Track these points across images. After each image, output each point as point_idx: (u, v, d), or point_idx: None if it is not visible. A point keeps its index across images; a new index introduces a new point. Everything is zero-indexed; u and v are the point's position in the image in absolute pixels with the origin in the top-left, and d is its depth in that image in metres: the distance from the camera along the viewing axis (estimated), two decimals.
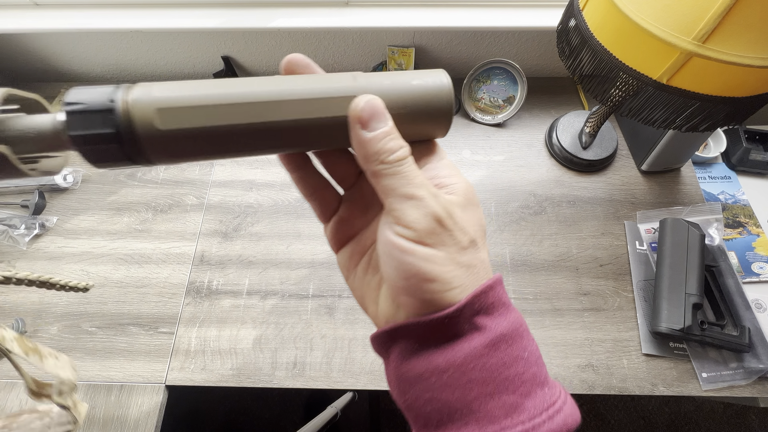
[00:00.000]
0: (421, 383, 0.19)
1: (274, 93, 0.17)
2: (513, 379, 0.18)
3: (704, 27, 0.40)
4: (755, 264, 0.66)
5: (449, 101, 0.19)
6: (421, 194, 0.19)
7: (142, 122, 0.16)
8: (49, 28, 0.74)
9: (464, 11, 0.75)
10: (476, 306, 0.19)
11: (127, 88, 0.16)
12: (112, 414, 0.56)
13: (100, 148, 0.16)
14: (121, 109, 0.16)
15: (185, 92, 0.17)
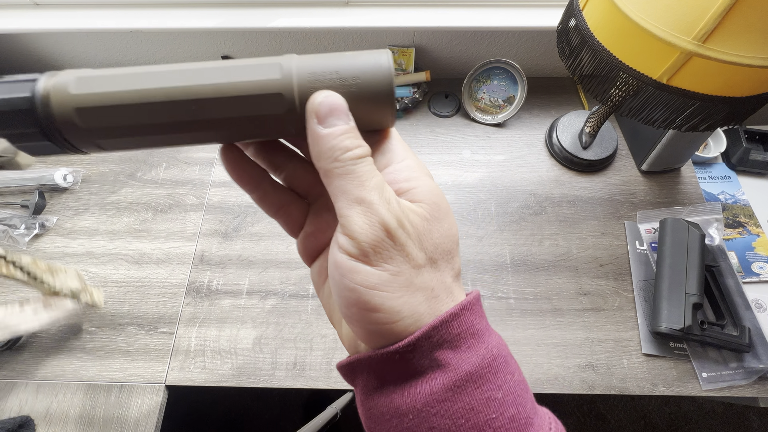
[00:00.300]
0: (384, 424, 0.17)
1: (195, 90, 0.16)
2: (482, 426, 0.16)
3: (704, 27, 0.40)
4: (755, 264, 0.66)
5: (389, 81, 0.17)
6: (370, 198, 0.16)
7: (63, 119, 0.16)
8: (49, 28, 0.74)
9: (464, 11, 0.75)
10: (436, 339, 0.16)
11: (47, 78, 0.16)
12: (112, 414, 0.56)
13: (30, 144, 0.16)
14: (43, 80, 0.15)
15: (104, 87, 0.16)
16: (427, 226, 0.17)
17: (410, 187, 0.18)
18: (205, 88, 0.16)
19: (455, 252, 0.18)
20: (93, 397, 0.57)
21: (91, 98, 0.16)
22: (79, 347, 0.61)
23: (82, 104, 0.16)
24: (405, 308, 0.16)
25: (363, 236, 0.16)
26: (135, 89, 0.16)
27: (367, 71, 0.17)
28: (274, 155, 0.21)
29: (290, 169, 0.21)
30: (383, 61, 0.17)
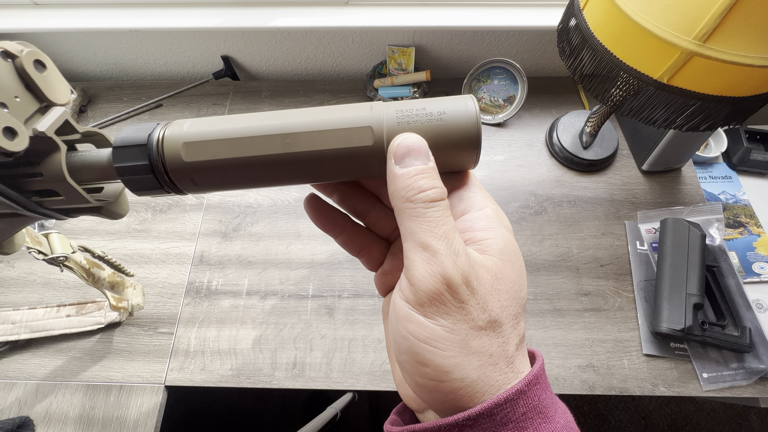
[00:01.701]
0: None
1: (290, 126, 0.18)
2: None
3: (705, 26, 0.39)
4: (756, 264, 0.66)
5: (475, 127, 0.17)
6: (436, 246, 0.15)
7: (171, 155, 0.18)
8: (48, 28, 0.74)
9: (464, 11, 0.75)
10: (499, 417, 0.14)
11: (165, 125, 0.18)
12: (111, 414, 0.56)
13: (137, 177, 0.18)
14: (155, 143, 0.18)
15: (210, 127, 0.18)
16: (495, 284, 0.16)
17: (485, 238, 0.17)
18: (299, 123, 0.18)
19: (521, 316, 0.17)
20: (92, 398, 0.57)
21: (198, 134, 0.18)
22: (78, 347, 0.60)
23: (189, 139, 0.18)
24: (455, 370, 0.14)
25: (422, 284, 0.15)
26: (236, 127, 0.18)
27: (453, 109, 0.18)
28: (356, 203, 0.21)
29: (372, 216, 0.21)
30: (469, 103, 0.18)
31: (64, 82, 0.19)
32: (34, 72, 0.18)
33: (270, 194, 0.73)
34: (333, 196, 0.21)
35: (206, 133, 0.18)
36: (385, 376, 0.58)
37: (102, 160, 0.19)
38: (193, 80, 0.88)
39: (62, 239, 0.47)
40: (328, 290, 0.64)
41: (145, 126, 0.18)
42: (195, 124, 0.18)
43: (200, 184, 0.19)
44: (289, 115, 0.18)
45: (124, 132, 0.18)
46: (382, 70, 0.85)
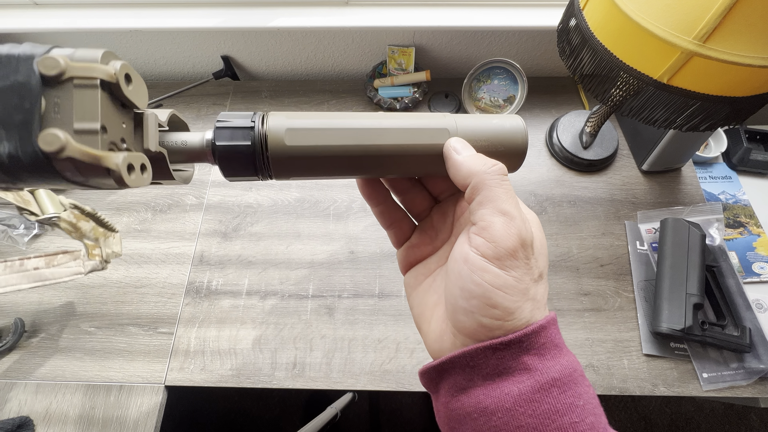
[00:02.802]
0: (469, 422, 0.19)
1: (380, 125, 0.20)
2: (566, 428, 0.17)
3: (705, 26, 0.39)
4: (756, 264, 0.66)
5: (524, 141, 0.22)
6: (513, 213, 0.18)
7: (273, 138, 0.19)
8: (49, 28, 0.74)
9: (464, 11, 0.75)
10: (526, 344, 0.18)
11: (265, 113, 0.20)
12: (111, 414, 0.56)
13: (235, 159, 0.19)
14: (258, 127, 0.19)
15: (310, 119, 0.20)
16: (540, 248, 0.20)
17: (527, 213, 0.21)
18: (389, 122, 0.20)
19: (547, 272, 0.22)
20: (92, 398, 0.57)
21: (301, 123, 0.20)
22: (78, 347, 0.60)
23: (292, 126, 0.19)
24: (517, 312, 0.18)
25: (503, 242, 0.18)
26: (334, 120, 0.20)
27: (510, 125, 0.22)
28: (400, 182, 0.25)
29: (410, 195, 0.25)
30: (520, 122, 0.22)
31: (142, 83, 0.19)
32: (127, 89, 0.17)
33: (270, 194, 0.73)
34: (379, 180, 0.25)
35: (308, 122, 0.20)
36: (385, 376, 0.58)
37: (195, 145, 0.20)
38: (193, 80, 0.88)
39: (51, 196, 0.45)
40: (328, 290, 0.64)
41: (244, 113, 0.20)
42: (295, 115, 0.20)
43: (293, 170, 0.20)
44: (379, 116, 0.21)
45: (226, 116, 0.19)
46: (382, 70, 0.85)
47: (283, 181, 0.21)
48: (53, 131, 0.15)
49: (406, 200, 0.25)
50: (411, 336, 0.61)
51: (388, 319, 0.62)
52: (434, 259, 0.24)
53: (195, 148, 0.20)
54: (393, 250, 0.67)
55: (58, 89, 0.15)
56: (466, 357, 0.19)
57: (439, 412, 0.21)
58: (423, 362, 0.59)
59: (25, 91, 0.14)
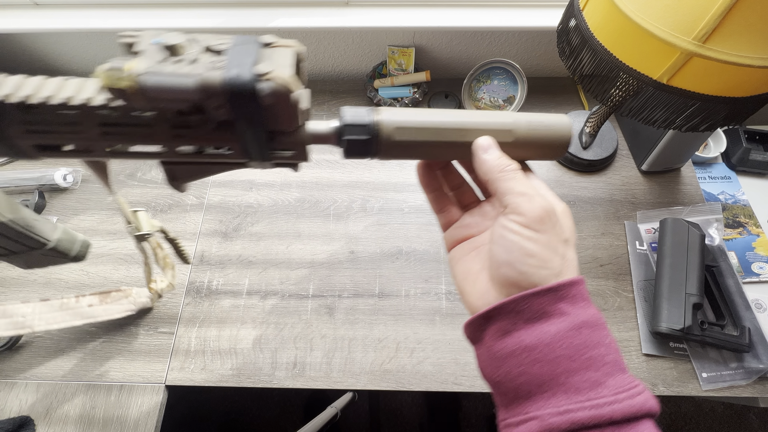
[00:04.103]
0: (512, 359, 0.22)
1: (462, 122, 0.26)
2: (596, 359, 0.21)
3: (704, 27, 0.40)
4: (755, 264, 0.66)
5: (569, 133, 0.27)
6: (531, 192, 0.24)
7: (385, 134, 0.25)
8: (49, 28, 0.74)
9: (464, 11, 0.75)
10: (561, 293, 0.22)
11: (375, 110, 0.25)
12: (111, 414, 0.56)
13: (356, 146, 0.25)
14: (374, 124, 0.25)
15: (410, 117, 0.25)
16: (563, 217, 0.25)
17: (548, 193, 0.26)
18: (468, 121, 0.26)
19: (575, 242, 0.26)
20: (93, 397, 0.57)
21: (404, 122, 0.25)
22: (79, 347, 0.60)
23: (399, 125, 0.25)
24: (550, 261, 0.22)
25: (531, 213, 0.23)
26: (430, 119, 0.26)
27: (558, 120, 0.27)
28: (453, 178, 0.30)
29: (462, 188, 0.30)
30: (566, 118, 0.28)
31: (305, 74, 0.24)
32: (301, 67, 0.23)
33: (270, 194, 0.73)
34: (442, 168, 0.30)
35: (409, 121, 0.25)
36: (385, 375, 0.58)
37: (329, 131, 0.25)
38: None
39: (146, 218, 0.51)
40: (328, 290, 0.64)
41: (360, 108, 0.25)
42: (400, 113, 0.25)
43: (395, 154, 0.26)
44: (461, 114, 0.26)
45: (349, 112, 0.25)
46: (382, 71, 0.85)
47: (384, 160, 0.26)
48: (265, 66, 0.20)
49: (458, 193, 0.30)
50: (411, 336, 0.61)
51: (388, 318, 0.62)
52: (480, 238, 0.28)
53: (323, 135, 0.25)
54: (393, 250, 0.68)
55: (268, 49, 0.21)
56: (512, 303, 0.22)
57: (481, 356, 0.24)
58: (423, 362, 0.59)
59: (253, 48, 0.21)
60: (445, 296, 0.64)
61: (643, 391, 0.21)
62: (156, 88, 0.19)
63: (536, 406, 0.21)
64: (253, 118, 0.21)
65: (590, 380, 0.20)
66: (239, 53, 0.21)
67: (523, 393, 0.22)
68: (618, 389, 0.20)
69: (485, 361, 0.24)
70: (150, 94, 0.19)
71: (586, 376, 0.21)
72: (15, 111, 0.20)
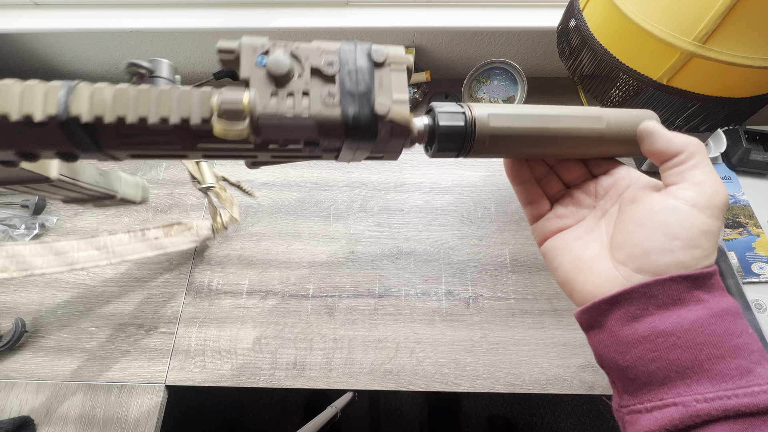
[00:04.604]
0: (645, 344, 0.21)
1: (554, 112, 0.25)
2: (742, 347, 0.20)
3: (705, 27, 0.40)
4: (755, 264, 0.66)
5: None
6: (718, 177, 0.23)
7: (480, 122, 0.24)
8: (49, 28, 0.74)
9: (464, 11, 0.75)
10: (700, 281, 0.21)
11: (467, 105, 0.24)
12: (111, 414, 0.56)
13: (450, 138, 0.24)
14: (469, 113, 0.24)
15: (504, 109, 0.24)
16: None
17: None
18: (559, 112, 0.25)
19: None
20: (93, 397, 0.57)
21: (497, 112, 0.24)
22: (79, 347, 0.61)
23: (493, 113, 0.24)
24: (712, 254, 0.22)
25: (716, 197, 0.22)
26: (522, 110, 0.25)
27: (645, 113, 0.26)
28: (537, 168, 0.29)
29: (546, 180, 0.29)
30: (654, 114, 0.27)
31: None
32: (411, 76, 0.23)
33: (270, 194, 0.73)
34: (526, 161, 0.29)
35: (502, 110, 0.24)
36: (385, 375, 0.58)
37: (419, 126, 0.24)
38: (193, 80, 0.88)
39: (210, 168, 0.54)
40: (328, 290, 0.64)
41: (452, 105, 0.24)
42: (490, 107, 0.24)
43: (488, 149, 0.25)
44: (551, 108, 0.25)
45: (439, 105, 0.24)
46: None
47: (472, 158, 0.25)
48: (383, 99, 0.20)
49: (543, 184, 0.29)
50: (411, 336, 0.61)
51: (388, 319, 0.62)
52: (580, 227, 0.27)
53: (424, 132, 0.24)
54: (393, 250, 0.68)
55: (381, 71, 0.21)
56: (646, 287, 0.21)
57: (601, 342, 0.23)
58: (423, 362, 0.59)
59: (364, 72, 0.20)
60: (445, 296, 0.64)
61: None
62: (274, 129, 0.19)
63: (674, 392, 0.20)
64: (365, 146, 0.21)
65: (739, 368, 0.19)
66: (353, 81, 0.20)
67: (658, 379, 0.21)
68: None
69: (608, 346, 0.23)
70: (266, 135, 0.19)
71: (734, 363, 0.19)
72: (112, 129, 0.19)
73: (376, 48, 0.21)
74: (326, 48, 0.20)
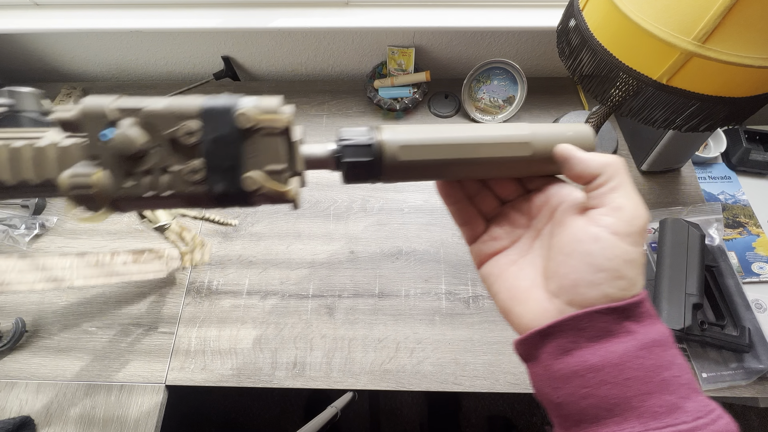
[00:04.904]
0: (576, 380, 0.20)
1: (475, 137, 0.23)
2: (671, 381, 0.19)
3: (704, 27, 0.40)
4: (755, 264, 0.66)
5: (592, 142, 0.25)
6: (639, 199, 0.22)
7: (389, 154, 0.22)
8: (49, 28, 0.74)
9: (464, 11, 0.75)
10: (629, 312, 0.20)
11: (377, 129, 0.23)
12: (112, 414, 0.56)
13: (357, 170, 0.22)
14: (376, 144, 0.22)
15: (417, 135, 0.23)
16: None
17: None
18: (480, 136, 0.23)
19: None
20: (93, 397, 0.57)
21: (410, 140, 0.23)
22: (79, 347, 0.61)
23: (404, 143, 0.23)
24: (638, 283, 0.21)
25: (636, 222, 0.21)
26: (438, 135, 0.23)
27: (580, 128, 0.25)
28: (469, 185, 0.28)
29: (479, 197, 0.28)
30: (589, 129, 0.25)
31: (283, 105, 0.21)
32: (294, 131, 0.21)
33: None
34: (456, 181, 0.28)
35: (415, 139, 0.23)
36: (385, 375, 0.58)
37: (322, 157, 0.23)
38: (193, 81, 0.88)
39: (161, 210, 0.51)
40: (328, 290, 0.64)
41: (360, 129, 0.23)
42: (403, 132, 0.23)
43: (402, 178, 0.24)
44: (471, 129, 0.24)
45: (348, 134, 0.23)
46: (382, 71, 0.85)
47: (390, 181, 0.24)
48: (251, 176, 0.19)
49: (475, 202, 0.28)
50: (411, 335, 0.61)
51: (388, 318, 0.62)
52: (515, 249, 0.26)
53: (322, 159, 0.23)
54: (393, 250, 0.68)
55: (252, 137, 0.19)
56: (575, 320, 0.21)
57: (537, 376, 0.23)
58: (423, 362, 0.59)
59: (230, 142, 0.18)
60: (445, 296, 0.64)
61: (723, 414, 0.19)
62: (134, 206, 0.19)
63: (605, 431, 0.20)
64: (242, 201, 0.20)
65: (667, 404, 0.19)
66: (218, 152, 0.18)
67: (590, 417, 0.20)
68: (698, 414, 0.19)
69: (542, 381, 0.22)
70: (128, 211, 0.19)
71: (662, 399, 0.19)
72: None
73: (244, 108, 0.19)
74: (185, 111, 0.18)
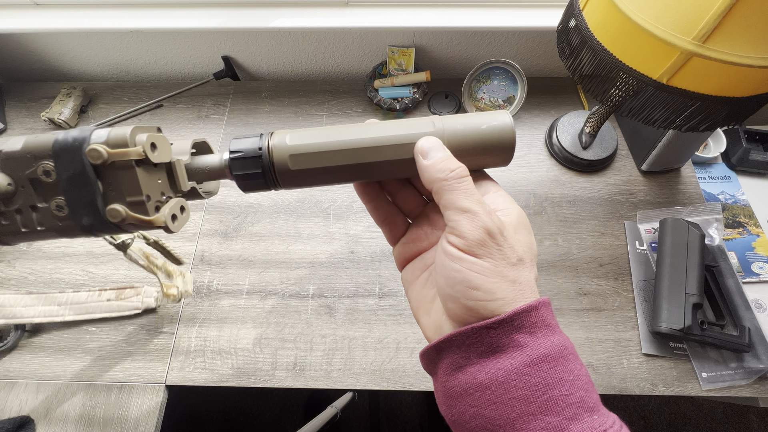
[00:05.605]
0: (466, 398, 0.20)
1: (370, 140, 0.22)
2: (557, 400, 0.18)
3: (704, 27, 0.40)
4: (755, 264, 0.66)
5: (511, 136, 0.23)
6: (475, 209, 0.20)
7: (279, 164, 0.22)
8: (49, 28, 0.74)
9: (464, 11, 0.75)
10: (517, 323, 0.19)
11: (268, 135, 0.23)
12: (112, 414, 0.56)
13: (250, 181, 0.22)
14: (265, 155, 0.22)
15: (308, 140, 0.22)
16: (517, 236, 0.21)
17: (504, 208, 0.22)
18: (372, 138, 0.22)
19: (535, 261, 0.22)
20: (93, 397, 0.57)
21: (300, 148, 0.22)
22: (79, 347, 0.61)
23: (293, 152, 0.22)
24: (498, 291, 0.20)
25: (471, 236, 0.20)
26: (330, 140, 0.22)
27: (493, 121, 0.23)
28: (390, 183, 0.27)
29: (401, 194, 0.26)
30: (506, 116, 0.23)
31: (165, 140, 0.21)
32: (153, 155, 0.20)
33: (270, 194, 0.73)
34: None
35: (307, 146, 0.22)
36: (385, 375, 0.58)
37: (216, 167, 0.23)
38: (193, 80, 0.88)
39: None
40: (328, 290, 0.64)
41: (252, 139, 0.22)
42: (296, 138, 0.22)
43: (299, 184, 0.23)
44: (366, 131, 0.23)
45: (237, 145, 0.22)
46: (382, 71, 0.85)
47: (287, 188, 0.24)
48: (114, 207, 0.19)
49: (398, 200, 0.27)
50: (411, 335, 0.61)
51: (388, 318, 0.62)
52: (430, 254, 0.25)
53: (216, 170, 0.23)
54: None
55: (107, 170, 0.19)
56: (462, 336, 0.20)
57: (437, 392, 0.22)
58: None
59: (84, 179, 0.19)
60: None
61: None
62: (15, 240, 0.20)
63: None
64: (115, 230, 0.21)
65: (549, 427, 0.18)
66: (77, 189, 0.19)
67: None
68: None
69: (440, 397, 0.21)
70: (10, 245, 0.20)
71: (545, 421, 0.18)
72: None
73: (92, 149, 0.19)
74: (37, 152, 0.19)
